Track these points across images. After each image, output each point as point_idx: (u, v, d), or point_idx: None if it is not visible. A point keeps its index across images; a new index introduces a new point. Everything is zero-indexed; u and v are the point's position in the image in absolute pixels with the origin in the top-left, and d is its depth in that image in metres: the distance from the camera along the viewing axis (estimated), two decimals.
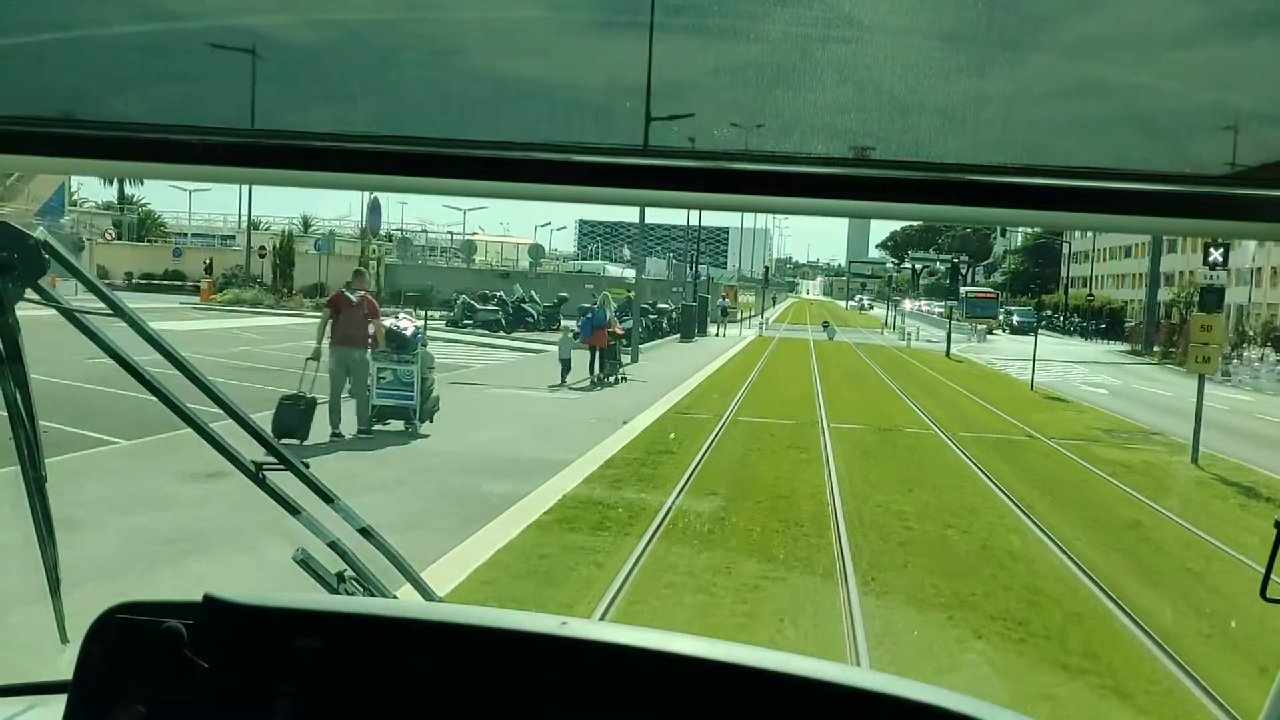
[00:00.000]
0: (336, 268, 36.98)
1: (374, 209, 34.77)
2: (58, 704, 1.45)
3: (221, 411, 1.75)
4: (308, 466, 1.73)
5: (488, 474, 9.94)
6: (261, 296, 36.63)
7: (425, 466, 10.39)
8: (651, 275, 47.58)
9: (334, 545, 1.79)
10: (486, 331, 29.94)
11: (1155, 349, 40.10)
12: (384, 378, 12.18)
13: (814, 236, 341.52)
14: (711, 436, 13.31)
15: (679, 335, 33.89)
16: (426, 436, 12.12)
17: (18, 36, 0.93)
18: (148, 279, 41.15)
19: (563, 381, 18.49)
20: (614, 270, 59.36)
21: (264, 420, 9.43)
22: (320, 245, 39.52)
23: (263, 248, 39.72)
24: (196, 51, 0.93)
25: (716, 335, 38.53)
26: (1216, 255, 15.05)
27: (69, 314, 1.53)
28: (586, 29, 0.92)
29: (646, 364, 23.85)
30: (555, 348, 20.00)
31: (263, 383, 14.10)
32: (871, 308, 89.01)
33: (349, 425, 11.72)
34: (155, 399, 1.65)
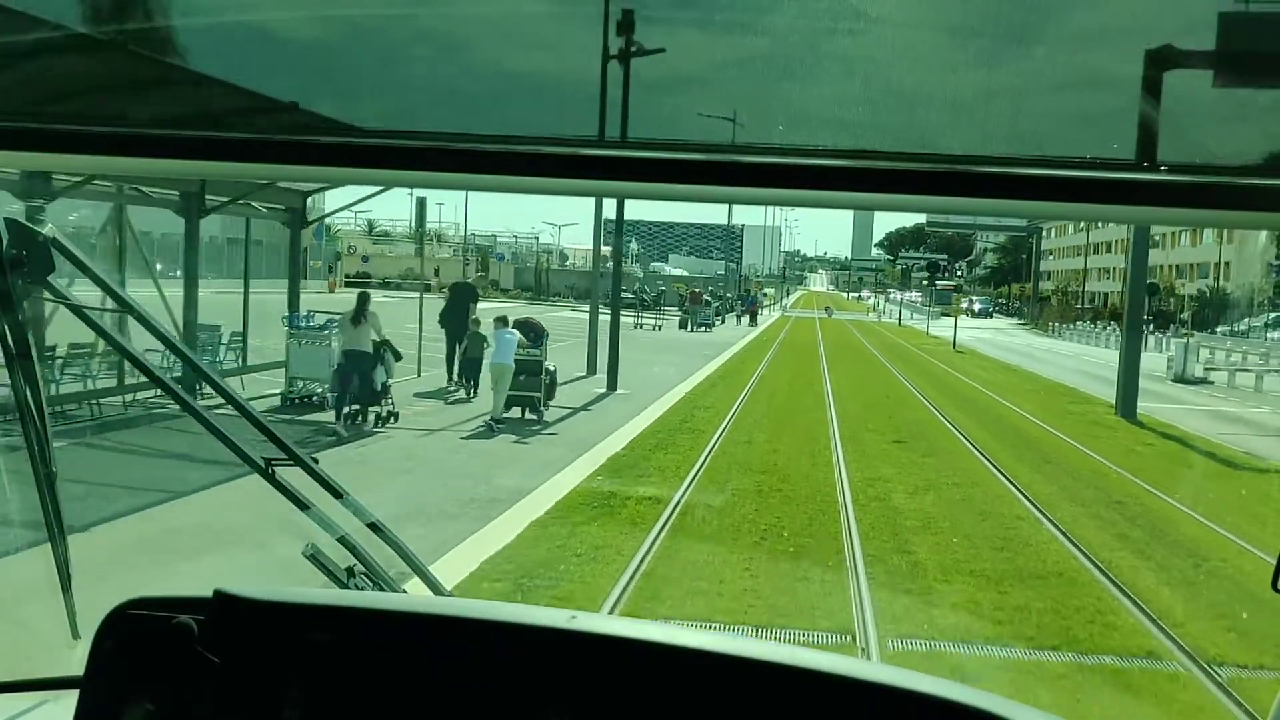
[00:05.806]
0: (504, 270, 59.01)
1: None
2: (69, 700, 1.44)
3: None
4: (316, 462, 1.74)
5: (728, 344, 32.33)
6: None
7: (709, 340, 33.46)
8: (687, 273, 70.08)
9: (343, 540, 1.77)
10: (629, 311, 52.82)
11: (1036, 322, 61.90)
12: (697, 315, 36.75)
13: (821, 231, 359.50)
14: (776, 342, 35.59)
15: (733, 313, 56.10)
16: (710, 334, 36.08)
17: (23, 34, 0.95)
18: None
19: (738, 324, 43.65)
20: (670, 270, 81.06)
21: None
22: (500, 255, 61.45)
23: (467, 259, 61.54)
24: (201, 48, 0.95)
25: None
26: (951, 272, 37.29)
27: (77, 310, 1.53)
28: (594, 23, 0.92)
29: (731, 324, 46.27)
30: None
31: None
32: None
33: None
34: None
